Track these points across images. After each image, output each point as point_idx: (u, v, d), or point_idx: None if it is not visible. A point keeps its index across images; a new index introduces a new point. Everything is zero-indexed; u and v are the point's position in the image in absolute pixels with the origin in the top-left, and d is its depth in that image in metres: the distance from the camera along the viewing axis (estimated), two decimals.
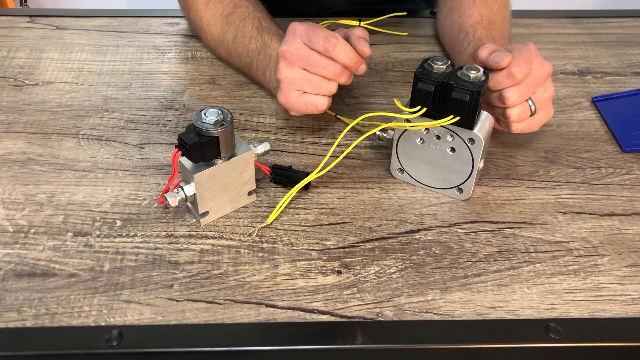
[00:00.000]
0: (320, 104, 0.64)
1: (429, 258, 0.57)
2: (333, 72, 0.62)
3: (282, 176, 0.64)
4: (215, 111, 0.55)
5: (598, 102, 0.78)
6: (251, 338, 0.50)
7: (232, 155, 0.58)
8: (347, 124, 0.61)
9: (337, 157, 0.61)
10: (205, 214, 0.59)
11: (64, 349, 0.49)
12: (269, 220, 0.60)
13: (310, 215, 0.61)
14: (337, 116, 0.74)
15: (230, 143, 0.56)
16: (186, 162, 0.56)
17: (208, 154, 0.55)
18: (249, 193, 0.61)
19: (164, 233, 0.59)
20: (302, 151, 0.69)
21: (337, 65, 0.62)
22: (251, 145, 0.60)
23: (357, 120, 0.61)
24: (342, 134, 0.62)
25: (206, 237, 0.59)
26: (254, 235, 0.59)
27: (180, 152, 0.55)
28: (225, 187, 0.59)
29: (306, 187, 0.63)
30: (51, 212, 0.60)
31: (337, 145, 0.68)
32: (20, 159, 0.66)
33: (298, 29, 0.62)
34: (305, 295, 0.54)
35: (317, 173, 0.61)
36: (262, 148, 0.61)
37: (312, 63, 0.62)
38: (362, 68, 0.63)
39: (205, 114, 0.55)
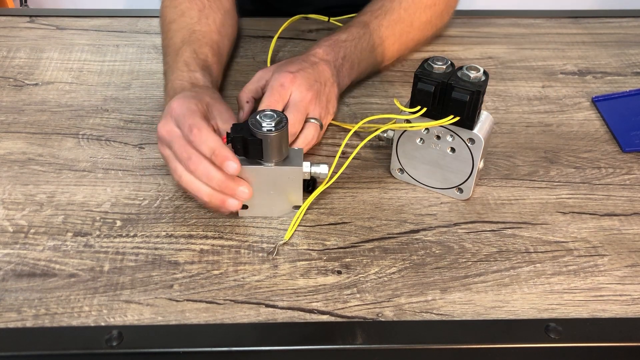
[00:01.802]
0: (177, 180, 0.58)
1: (429, 258, 0.57)
2: (193, 164, 0.56)
3: None
4: (271, 115, 0.55)
5: (598, 102, 0.78)
6: (251, 338, 0.50)
7: (281, 163, 0.57)
8: (343, 127, 0.62)
9: (340, 159, 0.61)
10: (245, 207, 0.59)
11: (64, 349, 0.49)
12: (286, 237, 0.58)
13: (310, 215, 0.61)
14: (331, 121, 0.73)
15: (277, 150, 0.55)
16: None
17: (250, 152, 0.55)
18: (295, 207, 0.60)
19: (164, 233, 0.59)
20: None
21: (201, 159, 0.55)
22: (307, 163, 0.58)
23: (359, 125, 0.61)
24: (346, 139, 0.62)
25: (206, 237, 0.59)
26: (275, 253, 0.57)
27: (225, 140, 0.55)
28: (266, 192, 0.58)
29: (309, 186, 0.63)
30: (51, 212, 0.60)
31: (337, 147, 0.68)
32: (20, 159, 0.66)
33: (175, 110, 0.57)
34: (305, 296, 0.54)
35: (326, 184, 0.60)
36: (316, 169, 0.58)
37: (175, 150, 0.57)
38: (230, 166, 0.53)
39: (260, 115, 0.55)
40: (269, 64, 0.82)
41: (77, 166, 0.66)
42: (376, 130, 0.62)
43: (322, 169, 0.58)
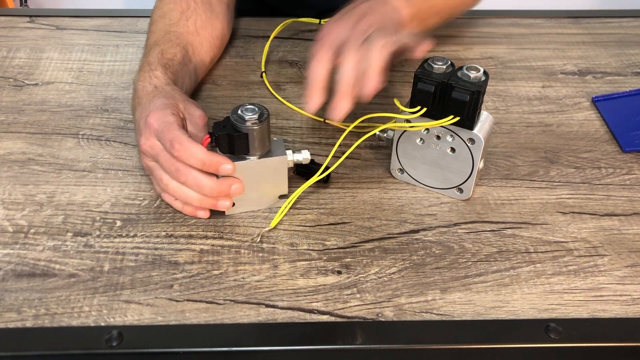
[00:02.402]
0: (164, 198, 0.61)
1: (429, 258, 0.57)
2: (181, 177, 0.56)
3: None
4: (252, 108, 0.56)
5: (598, 102, 0.78)
6: (251, 338, 0.50)
7: (265, 155, 0.58)
8: (340, 126, 0.61)
9: (338, 157, 0.61)
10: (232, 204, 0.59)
11: (64, 349, 0.49)
12: (272, 225, 0.59)
13: (310, 215, 0.61)
14: (326, 120, 0.73)
15: (262, 143, 0.56)
16: (218, 150, 0.57)
17: (237, 148, 0.56)
18: (281, 197, 0.61)
19: (163, 233, 0.59)
20: None
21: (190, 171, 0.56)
22: (289, 151, 0.59)
23: (356, 124, 0.61)
24: (342, 136, 0.62)
25: (206, 237, 0.59)
26: (259, 239, 0.58)
27: (209, 140, 0.56)
28: (254, 185, 0.59)
29: (326, 180, 0.63)
30: (51, 212, 0.60)
31: (338, 146, 0.68)
32: (20, 159, 0.66)
33: (153, 125, 0.57)
34: (305, 296, 0.54)
35: (319, 176, 0.60)
36: (299, 156, 0.60)
37: (162, 163, 0.58)
38: (225, 169, 0.55)
39: (242, 110, 0.55)
40: (262, 67, 0.82)
41: (77, 166, 0.66)
42: (376, 128, 0.62)
43: (304, 154, 0.60)
